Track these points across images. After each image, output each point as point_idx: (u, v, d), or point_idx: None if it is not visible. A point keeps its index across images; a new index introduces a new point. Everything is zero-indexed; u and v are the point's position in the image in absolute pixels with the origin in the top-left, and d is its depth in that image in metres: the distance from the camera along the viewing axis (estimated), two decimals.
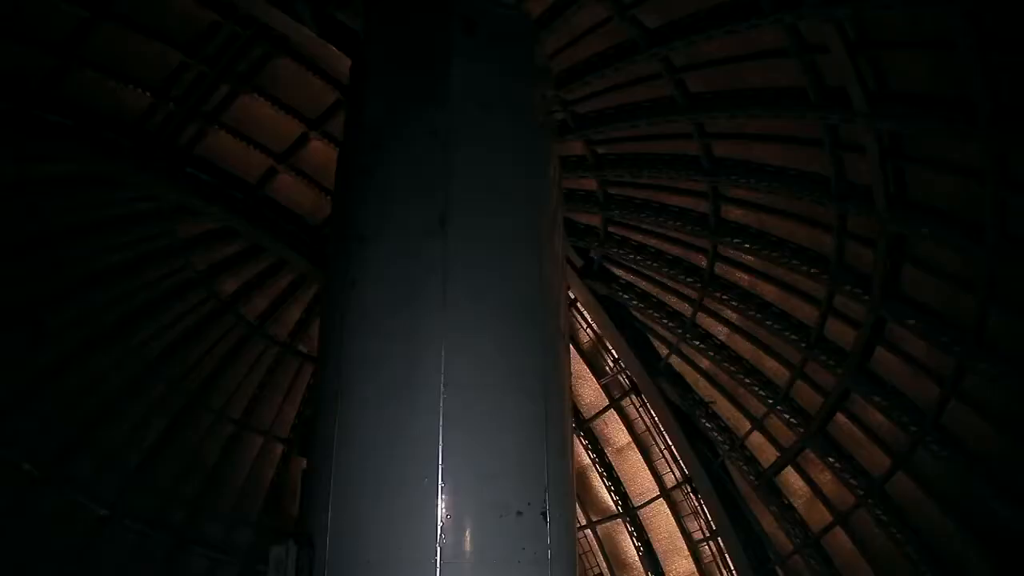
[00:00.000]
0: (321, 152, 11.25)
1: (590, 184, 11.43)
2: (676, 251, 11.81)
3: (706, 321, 12.21)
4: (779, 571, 12.67)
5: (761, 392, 11.90)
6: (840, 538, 11.69)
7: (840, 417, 11.13)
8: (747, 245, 10.71)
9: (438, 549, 5.10)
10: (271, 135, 11.20)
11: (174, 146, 10.96)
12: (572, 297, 12.81)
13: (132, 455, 12.84)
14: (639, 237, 11.99)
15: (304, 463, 6.52)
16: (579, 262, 12.62)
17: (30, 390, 11.35)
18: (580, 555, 10.97)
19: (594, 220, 12.08)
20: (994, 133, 7.18)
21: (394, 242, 6.19)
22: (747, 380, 11.98)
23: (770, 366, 11.78)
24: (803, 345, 10.98)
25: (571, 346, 10.35)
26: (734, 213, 10.74)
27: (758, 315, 11.30)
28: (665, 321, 12.48)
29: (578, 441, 14.23)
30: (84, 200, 11.16)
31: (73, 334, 11.75)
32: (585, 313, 13.44)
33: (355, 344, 5.98)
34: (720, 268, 11.47)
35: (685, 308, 12.27)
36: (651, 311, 12.56)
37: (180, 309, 12.68)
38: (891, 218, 8.77)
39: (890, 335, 9.97)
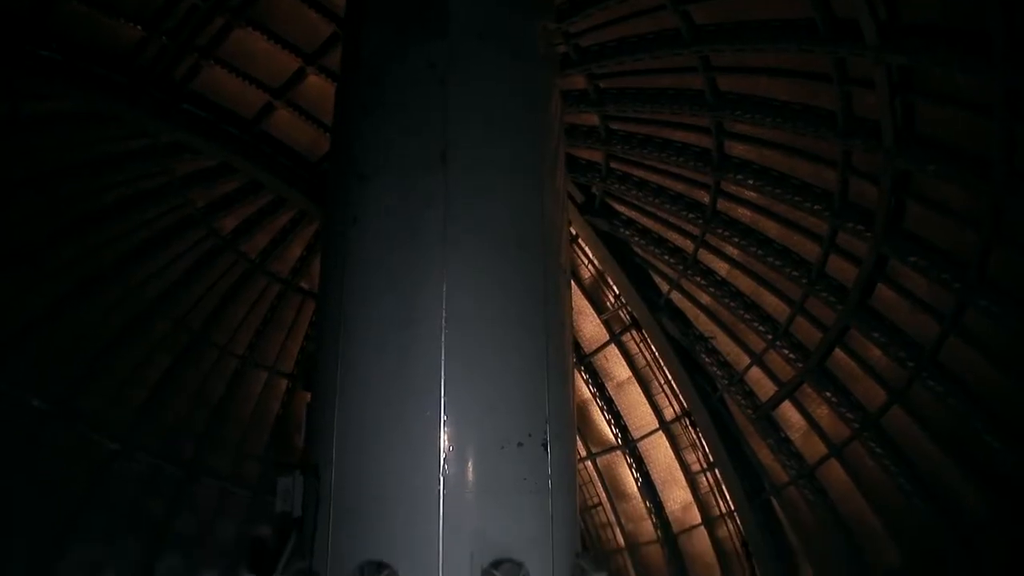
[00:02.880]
0: (318, 87, 11.05)
1: (592, 119, 11.27)
2: (678, 187, 11.72)
3: (707, 257, 12.21)
4: (774, 501, 12.98)
5: (761, 328, 11.98)
6: (835, 470, 11.94)
7: (838, 353, 11.24)
8: (750, 181, 10.62)
9: (441, 480, 5.22)
10: (267, 70, 11.00)
11: (168, 81, 10.76)
12: (573, 233, 12.77)
13: (139, 391, 13.03)
14: (641, 173, 11.88)
15: (308, 397, 6.63)
16: (580, 198, 12.54)
17: (35, 329, 11.44)
18: (580, 485, 11.27)
19: (596, 156, 11.95)
20: (1008, 67, 7.03)
21: (394, 178, 6.14)
22: (747, 316, 12.05)
23: (770, 302, 11.83)
24: (804, 281, 11.00)
25: (572, 281, 10.38)
26: (737, 149, 10.61)
27: (759, 251, 11.29)
28: (666, 257, 12.48)
29: (579, 375, 14.40)
30: (79, 138, 11.04)
31: (74, 272, 11.78)
32: (586, 249, 13.43)
33: (356, 280, 6.00)
34: (722, 204, 11.41)
35: (686, 244, 12.25)
36: (652, 247, 12.54)
37: (180, 247, 12.68)
38: (897, 154, 8.67)
39: (891, 272, 9.98)
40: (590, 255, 13.58)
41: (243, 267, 13.43)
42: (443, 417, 5.30)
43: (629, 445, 14.68)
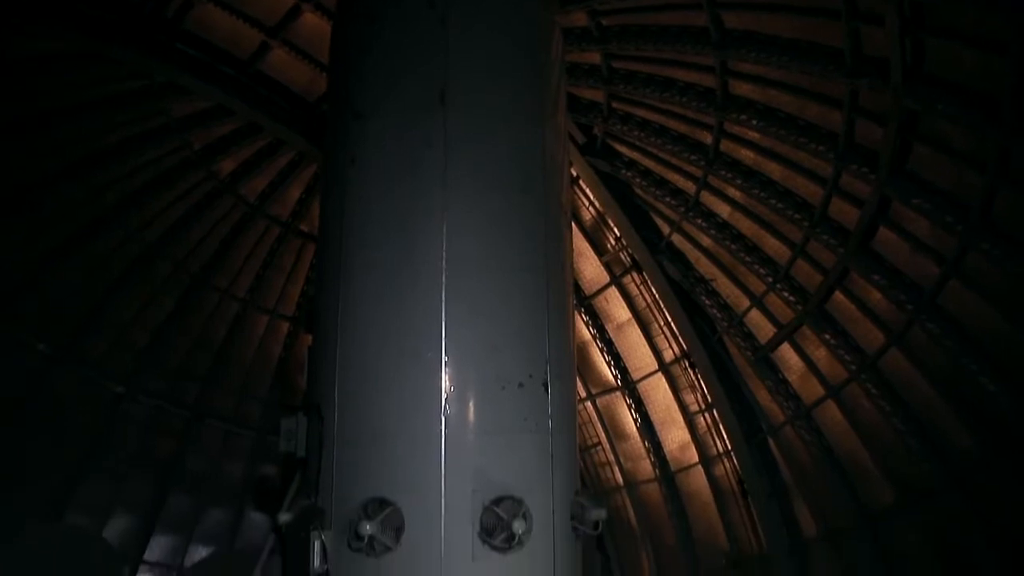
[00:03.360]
0: (314, 25, 10.80)
1: (594, 58, 11.04)
2: (681, 128, 11.56)
3: (709, 199, 12.13)
4: (771, 441, 13.19)
5: (761, 270, 11.98)
6: (831, 411, 12.10)
7: (838, 295, 11.26)
8: (754, 122, 10.47)
9: (443, 419, 5.30)
10: (262, 7, 10.73)
11: (160, 20, 10.51)
12: (574, 174, 12.65)
13: (142, 334, 13.11)
14: (643, 113, 11.70)
15: (310, 339, 6.67)
16: (582, 139, 12.38)
17: (37, 273, 11.43)
18: (580, 425, 11.45)
19: (597, 95, 11.75)
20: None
21: (393, 118, 6.05)
22: (748, 258, 12.03)
23: (771, 245, 11.80)
24: (805, 224, 10.95)
25: (573, 223, 10.33)
26: (742, 88, 10.43)
27: (762, 193, 11.21)
28: (668, 199, 12.39)
29: (579, 317, 14.46)
30: (74, 79, 10.83)
31: (75, 216, 11.71)
32: (587, 190, 13.33)
33: (356, 221, 5.98)
34: (725, 145, 11.27)
35: (688, 186, 12.15)
36: (654, 189, 12.45)
37: (179, 190, 12.59)
38: (906, 93, 8.52)
39: (894, 214, 9.92)
40: (591, 197, 13.49)
41: (242, 210, 13.36)
42: (444, 358, 5.34)
43: (628, 386, 14.85)
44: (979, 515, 10.08)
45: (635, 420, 14.90)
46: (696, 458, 14.29)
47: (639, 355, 14.70)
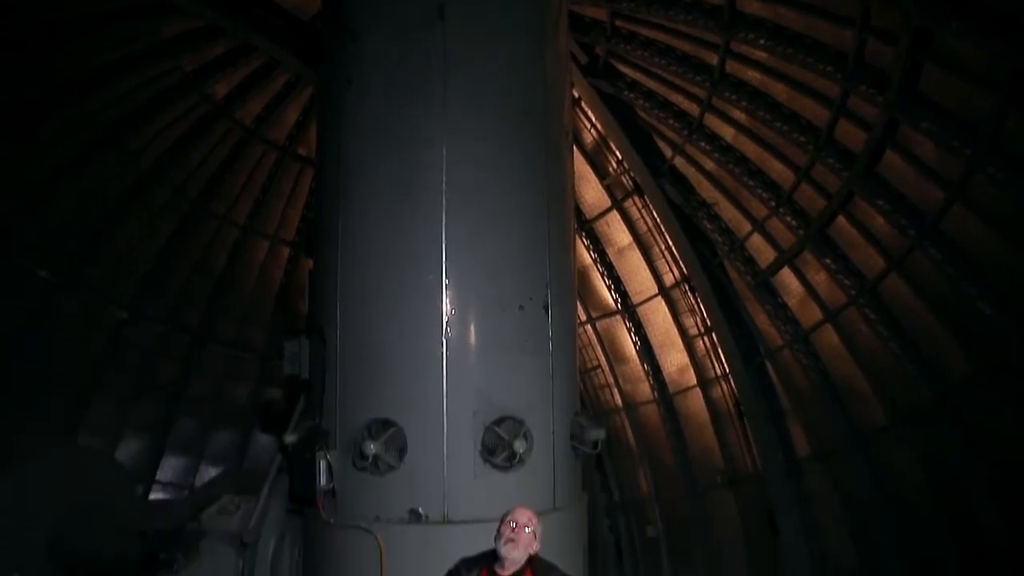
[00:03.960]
0: None
1: None
2: (686, 47, 11.25)
3: (713, 122, 11.91)
4: (768, 365, 13.36)
5: (764, 194, 11.87)
6: (829, 335, 12.21)
7: (841, 220, 11.19)
8: (762, 41, 10.17)
9: (444, 342, 5.37)
10: None
11: None
12: (576, 96, 12.38)
13: (143, 261, 13.11)
14: (647, 32, 11.36)
15: (311, 264, 6.69)
16: (584, 59, 12.06)
17: (35, 200, 11.31)
18: (580, 348, 11.55)
19: (600, 14, 11.39)
20: None
21: (390, 37, 5.89)
22: (751, 182, 11.91)
23: (775, 168, 11.65)
24: (811, 147, 10.78)
25: (574, 145, 10.16)
26: (751, 6, 10.09)
27: (767, 116, 10.99)
28: (671, 121, 12.17)
29: (580, 241, 14.42)
30: None
31: (71, 141, 11.51)
32: (589, 112, 13.08)
33: (354, 144, 5.90)
34: (731, 66, 10.99)
35: (692, 108, 11.91)
36: (657, 111, 12.21)
37: (173, 113, 12.34)
38: (919, 9, 8.25)
39: (901, 138, 9.75)
40: (593, 119, 13.26)
41: (238, 134, 13.15)
42: (445, 281, 5.37)
43: (628, 310, 14.94)
44: (970, 437, 10.30)
45: (635, 343, 15.06)
46: (694, 381, 14.51)
47: (639, 279, 14.73)
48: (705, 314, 13.89)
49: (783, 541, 12.83)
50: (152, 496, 13.21)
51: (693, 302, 14.10)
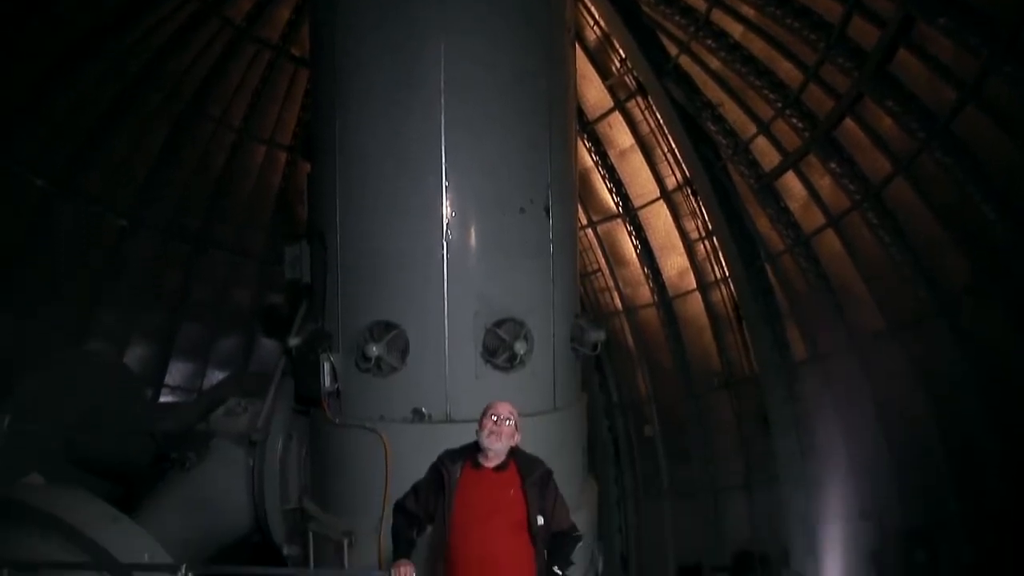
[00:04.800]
0: None
1: None
2: None
3: (721, 18, 11.47)
4: (768, 269, 13.38)
5: (771, 95, 11.57)
6: (830, 240, 12.17)
7: (848, 122, 10.95)
8: None
9: (444, 244, 5.35)
10: None
11: None
12: None
13: (139, 167, 12.92)
14: None
15: (309, 167, 6.59)
16: None
17: (24, 108, 11.02)
18: (580, 252, 11.52)
19: None
20: None
21: None
22: (758, 82, 11.58)
23: (784, 68, 11.30)
24: (821, 45, 10.43)
25: (576, 44, 9.82)
26: None
27: (777, 11, 10.57)
28: (677, 18, 11.72)
29: (581, 143, 14.15)
30: None
31: (52, 42, 11.11)
32: (592, 8, 12.59)
33: (349, 43, 5.69)
34: None
35: (699, 3, 11.46)
36: (662, 6, 11.74)
37: (161, 13, 11.86)
38: None
39: (916, 36, 9.41)
40: (596, 15, 12.77)
41: (230, 33, 12.71)
42: (445, 182, 5.30)
43: (630, 213, 14.86)
44: (964, 341, 10.44)
45: (635, 247, 15.05)
46: (694, 284, 14.58)
47: (641, 182, 14.57)
48: (706, 218, 13.81)
49: (777, 441, 13.22)
50: (161, 400, 13.52)
51: (695, 205, 14.00)
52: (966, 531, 10.49)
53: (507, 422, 3.30)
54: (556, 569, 3.15)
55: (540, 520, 3.18)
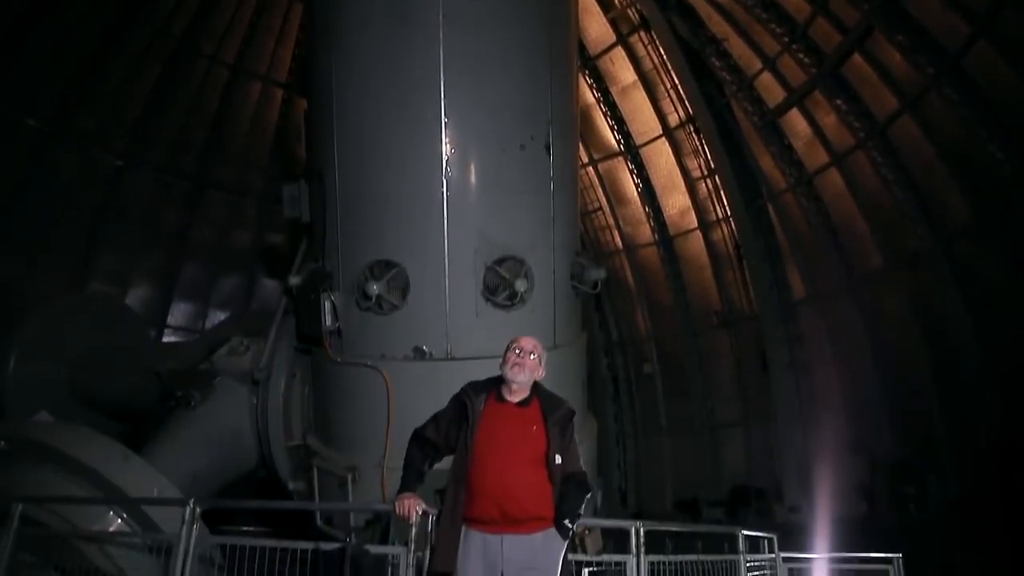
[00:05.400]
0: None
1: None
2: None
3: None
4: (770, 207, 13.33)
5: (778, 29, 11.32)
6: (833, 179, 12.09)
7: (856, 58, 10.74)
8: None
9: (444, 181, 5.28)
10: None
11: None
12: None
13: (132, 107, 12.70)
14: None
15: (306, 104, 6.46)
16: None
17: (12, 47, 10.74)
18: (581, 190, 11.39)
19: None
20: None
21: None
22: (764, 15, 11.31)
23: (791, 1, 11.04)
24: None
25: None
26: None
27: None
28: None
29: (583, 79, 13.90)
30: None
31: None
32: None
33: None
34: None
35: None
36: None
37: None
38: None
39: None
40: None
41: None
42: (444, 119, 5.20)
43: (631, 151, 14.71)
44: (962, 280, 10.46)
45: (637, 185, 14.95)
46: (695, 223, 14.54)
47: (643, 119, 14.38)
48: (709, 156, 13.68)
49: (773, 378, 13.37)
50: (164, 339, 13.60)
51: (697, 143, 13.84)
52: (954, 467, 10.72)
53: (531, 356, 3.31)
54: (567, 522, 3.20)
55: (558, 459, 3.21)
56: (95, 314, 9.90)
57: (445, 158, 5.24)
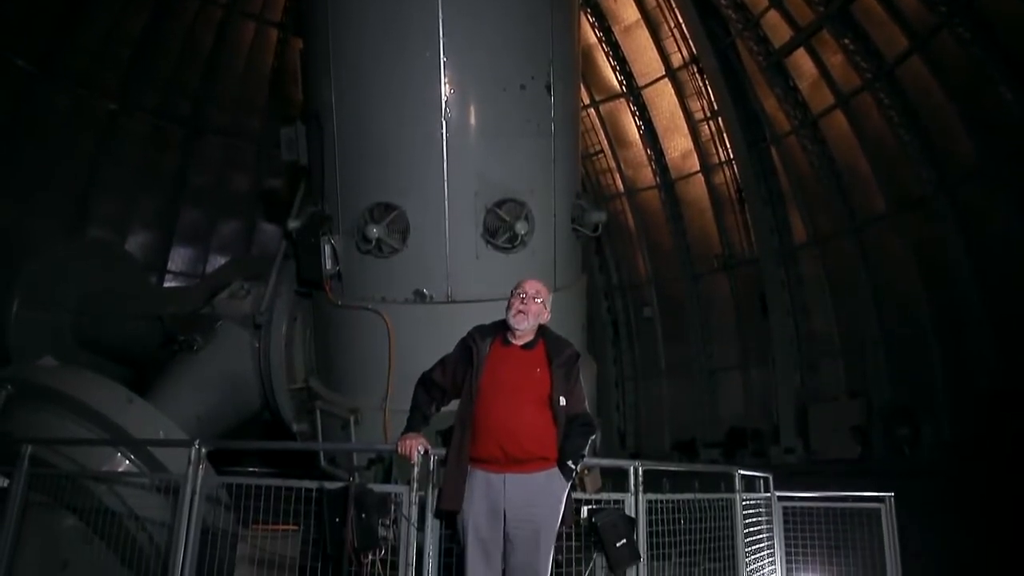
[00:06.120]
0: None
1: None
2: None
3: None
4: (773, 150, 13.19)
5: None
6: (838, 121, 11.93)
7: None
8: None
9: (443, 123, 5.20)
10: None
11: None
12: None
13: (124, 47, 12.42)
14: None
15: (301, 44, 6.32)
16: None
17: None
18: (582, 133, 11.23)
19: None
20: None
21: None
22: None
23: None
24: None
25: None
26: None
27: None
28: None
29: (584, 18, 13.59)
30: None
31: None
32: None
33: None
34: None
35: None
36: None
37: None
38: None
39: None
40: None
41: None
42: (443, 59, 5.08)
43: (633, 92, 14.48)
44: (964, 223, 10.41)
45: (638, 127, 14.77)
46: (697, 166, 14.42)
47: (646, 59, 14.12)
48: (712, 97, 13.47)
49: (772, 321, 13.43)
50: (165, 285, 13.61)
51: (700, 84, 13.62)
52: (950, 411, 10.84)
53: (536, 300, 3.31)
54: (570, 463, 3.24)
55: (562, 401, 3.24)
56: (96, 259, 9.88)
57: (444, 98, 5.14)
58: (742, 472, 5.37)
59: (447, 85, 5.15)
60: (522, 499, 3.20)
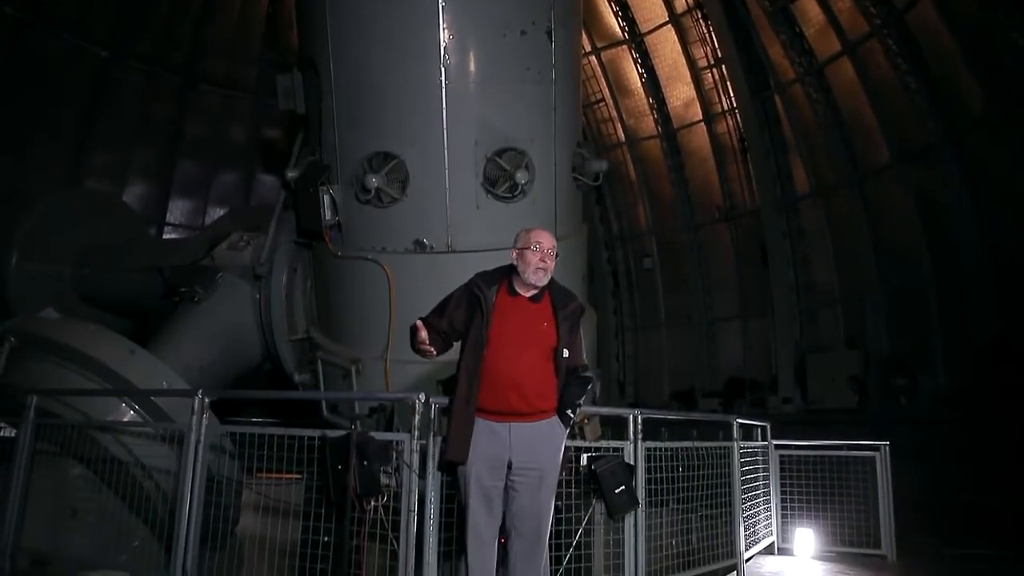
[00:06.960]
0: None
1: None
2: None
3: None
4: (777, 99, 13.00)
5: None
6: (844, 69, 11.72)
7: None
8: None
9: (442, 70, 5.10)
10: None
11: None
12: None
13: None
14: None
15: None
16: None
17: None
18: (583, 80, 11.04)
19: None
20: None
21: None
22: None
23: None
24: None
25: None
26: None
27: None
28: None
29: None
30: None
31: None
32: None
33: None
34: None
35: None
36: None
37: None
38: None
39: None
40: None
41: None
42: (441, 3, 4.96)
43: (636, 39, 14.21)
44: (969, 176, 10.31)
45: (640, 75, 14.53)
46: (699, 115, 14.24)
47: (649, 5, 13.82)
48: (716, 44, 13.22)
49: (772, 271, 13.43)
50: (164, 236, 13.54)
51: (704, 31, 13.35)
52: (948, 362, 10.90)
53: (554, 256, 3.28)
54: (569, 412, 3.26)
55: (565, 353, 3.25)
56: (94, 211, 9.80)
57: (443, 44, 5.03)
58: (740, 421, 5.42)
59: (446, 31, 5.03)
60: (526, 446, 3.23)
